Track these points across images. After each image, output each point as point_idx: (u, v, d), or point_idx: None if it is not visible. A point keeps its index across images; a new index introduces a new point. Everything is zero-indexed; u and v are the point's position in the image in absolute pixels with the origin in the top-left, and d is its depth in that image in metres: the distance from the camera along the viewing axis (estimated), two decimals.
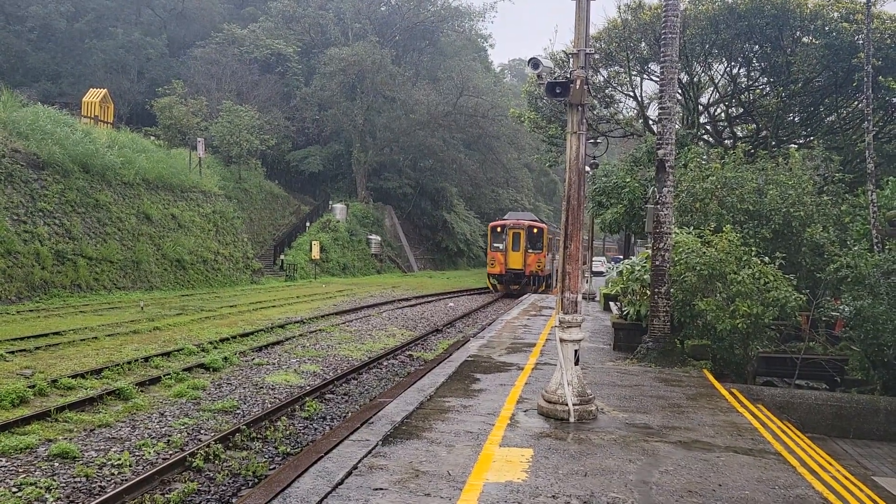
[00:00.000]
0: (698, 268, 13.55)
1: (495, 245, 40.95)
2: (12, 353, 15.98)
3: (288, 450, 10.51)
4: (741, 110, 32.80)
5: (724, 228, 14.66)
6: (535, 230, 41.15)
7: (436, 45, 72.50)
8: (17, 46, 53.95)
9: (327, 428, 11.64)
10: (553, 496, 6.13)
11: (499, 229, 41.30)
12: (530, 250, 40.56)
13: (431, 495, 6.06)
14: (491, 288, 42.18)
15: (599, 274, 47.85)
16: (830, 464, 7.97)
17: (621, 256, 44.10)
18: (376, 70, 60.44)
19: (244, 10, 68.57)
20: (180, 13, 64.94)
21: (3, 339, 17.46)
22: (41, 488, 8.52)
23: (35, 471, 9.13)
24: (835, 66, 26.78)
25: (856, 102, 28.10)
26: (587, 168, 26.39)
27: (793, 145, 28.32)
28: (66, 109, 37.93)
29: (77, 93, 49.34)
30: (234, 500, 8.49)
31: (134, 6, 62.29)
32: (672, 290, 13.67)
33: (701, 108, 33.46)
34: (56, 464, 9.40)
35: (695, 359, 13.64)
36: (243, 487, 8.99)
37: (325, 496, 5.94)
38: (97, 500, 8.04)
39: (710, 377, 12.45)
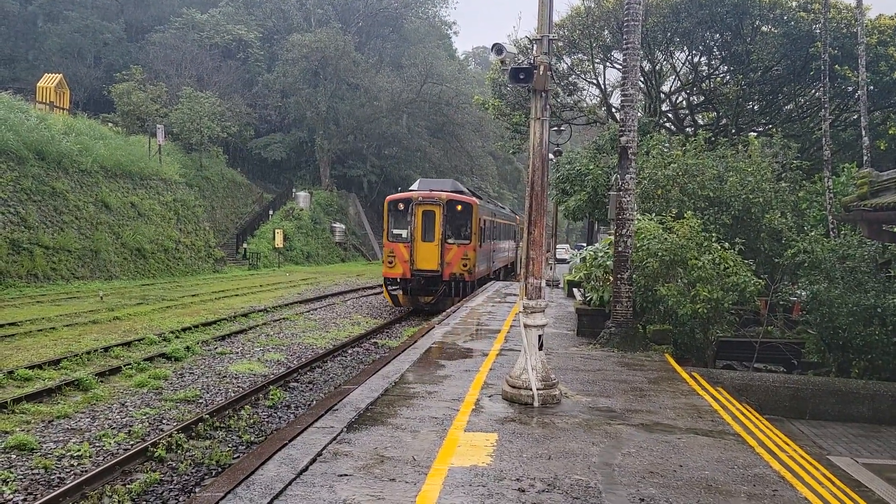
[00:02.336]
0: (660, 254, 13.71)
1: (395, 232, 25.58)
2: None
3: (252, 438, 10.43)
4: (702, 98, 33.24)
5: (685, 215, 14.85)
6: (460, 207, 25.48)
7: (399, 31, 72.03)
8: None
9: (292, 416, 11.57)
10: (517, 479, 6.18)
11: (400, 206, 25.46)
12: (452, 240, 25.18)
13: (396, 480, 6.06)
14: (389, 300, 26.28)
15: (564, 261, 42.56)
16: (787, 444, 8.16)
17: (584, 244, 42.26)
18: (339, 57, 59.87)
19: None
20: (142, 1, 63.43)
21: None
22: None
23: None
24: (793, 54, 27.28)
25: (813, 91, 28.66)
26: (551, 156, 26.55)
27: (752, 133, 28.89)
28: (20, 95, 36.92)
29: (32, 78, 47.95)
30: (197, 490, 8.40)
31: None
32: (634, 275, 13.82)
33: (663, 96, 33.83)
34: (13, 456, 9.21)
35: (657, 343, 13.82)
36: (206, 476, 8.90)
37: (290, 483, 5.90)
38: (56, 492, 7.90)
39: (672, 361, 12.63)
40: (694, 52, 31.21)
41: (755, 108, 31.71)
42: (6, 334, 17.09)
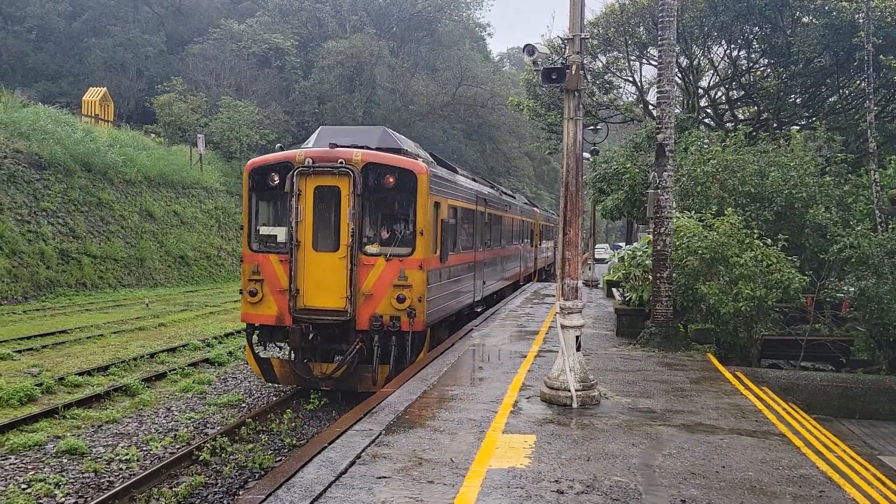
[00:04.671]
0: (700, 251, 13.52)
1: (263, 232, 12.95)
2: (19, 352, 16.08)
3: (293, 441, 10.56)
4: (741, 93, 32.62)
5: (725, 211, 14.62)
6: (393, 179, 12.34)
7: (434, 35, 72.23)
8: (17, 47, 53.87)
9: (335, 418, 11.68)
10: (556, 481, 6.15)
11: (272, 179, 12.54)
12: (373, 248, 12.42)
13: (434, 482, 6.08)
14: (256, 370, 13.13)
15: (602, 261, 41.35)
16: (836, 444, 7.96)
17: (623, 243, 41.16)
18: (374, 62, 60.29)
19: (241, 5, 68.34)
20: (177, 10, 64.79)
21: (10, 338, 17.55)
22: (50, 484, 8.60)
23: (44, 467, 9.21)
24: (835, 45, 26.58)
25: (857, 82, 27.89)
26: (587, 155, 26.37)
27: (794, 127, 28.20)
28: (67, 109, 37.93)
29: (77, 92, 49.29)
30: (240, 492, 8.54)
31: (131, 4, 62.09)
32: (674, 274, 13.65)
33: (701, 91, 33.30)
34: (65, 460, 9.47)
35: (698, 343, 13.63)
36: (250, 479, 9.04)
37: (329, 485, 5.96)
38: (105, 495, 8.10)
39: (714, 361, 12.43)
40: (732, 45, 30.64)
41: (797, 101, 31.00)
42: (57, 342, 17.59)
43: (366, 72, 60.58)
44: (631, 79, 34.11)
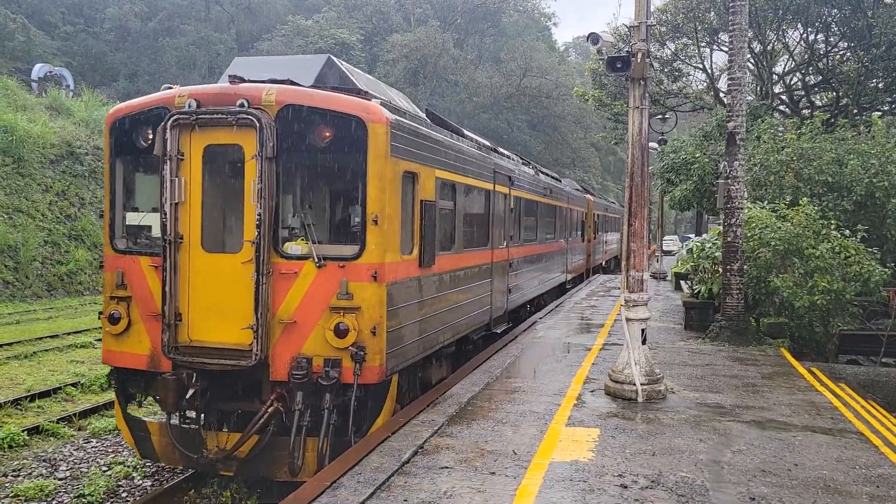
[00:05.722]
0: (773, 243, 13.13)
1: (131, 223, 8.47)
2: None
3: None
4: (819, 78, 31.33)
5: (800, 202, 14.14)
6: (329, 133, 7.60)
7: (498, 26, 71.91)
8: (97, 48, 56.23)
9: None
10: (619, 475, 6.07)
11: (146, 137, 7.99)
12: (294, 248, 7.71)
13: (497, 474, 6.08)
14: (127, 438, 8.45)
15: (670, 253, 40.64)
16: None
17: (691, 236, 40.08)
18: (438, 55, 60.47)
19: (308, 2, 69.58)
20: (247, 7, 66.39)
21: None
22: (128, 467, 8.99)
23: (123, 450, 9.64)
24: None
25: None
26: (655, 145, 25.83)
27: (876, 113, 26.91)
28: None
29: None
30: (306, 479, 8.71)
31: (203, 3, 63.99)
32: (745, 266, 13.27)
33: (775, 77, 32.17)
34: None
35: (771, 337, 13.22)
36: None
37: (392, 474, 6.04)
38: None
39: (788, 356, 12.03)
40: (809, 29, 29.43)
41: (879, 86, 29.56)
42: None
43: (430, 64, 60.83)
44: (701, 66, 33.24)
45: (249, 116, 7.40)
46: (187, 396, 7.48)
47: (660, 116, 27.18)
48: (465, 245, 10.87)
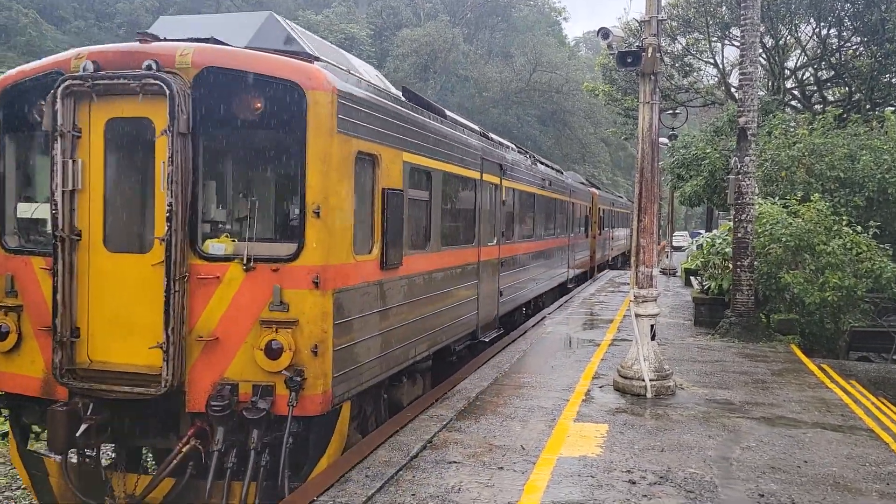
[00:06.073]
0: (784, 239, 13.07)
1: (23, 216, 6.99)
2: None
3: None
4: (831, 73, 31.13)
5: (811, 197, 14.05)
6: (260, 104, 6.15)
7: (508, 21, 71.82)
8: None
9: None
10: (628, 471, 6.06)
11: (41, 109, 6.45)
12: (219, 246, 6.29)
13: (505, 468, 6.09)
14: (23, 477, 7.13)
15: (680, 249, 39.57)
16: None
17: (702, 231, 39.65)
18: (448, 49, 60.48)
19: None
20: (257, 2, 66.46)
21: None
22: None
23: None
24: None
25: None
26: (665, 140, 25.70)
27: (889, 108, 26.69)
28: None
29: None
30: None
31: None
32: (756, 262, 13.21)
33: (787, 72, 31.95)
34: None
35: (781, 334, 13.16)
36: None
37: (401, 468, 6.05)
38: None
39: (798, 352, 11.98)
40: (822, 23, 29.23)
41: (892, 80, 29.33)
42: None
43: (440, 59, 60.83)
44: (712, 61, 33.09)
45: (157, 82, 5.97)
46: (78, 433, 6.13)
47: (670, 112, 26.99)
48: (444, 242, 9.38)
